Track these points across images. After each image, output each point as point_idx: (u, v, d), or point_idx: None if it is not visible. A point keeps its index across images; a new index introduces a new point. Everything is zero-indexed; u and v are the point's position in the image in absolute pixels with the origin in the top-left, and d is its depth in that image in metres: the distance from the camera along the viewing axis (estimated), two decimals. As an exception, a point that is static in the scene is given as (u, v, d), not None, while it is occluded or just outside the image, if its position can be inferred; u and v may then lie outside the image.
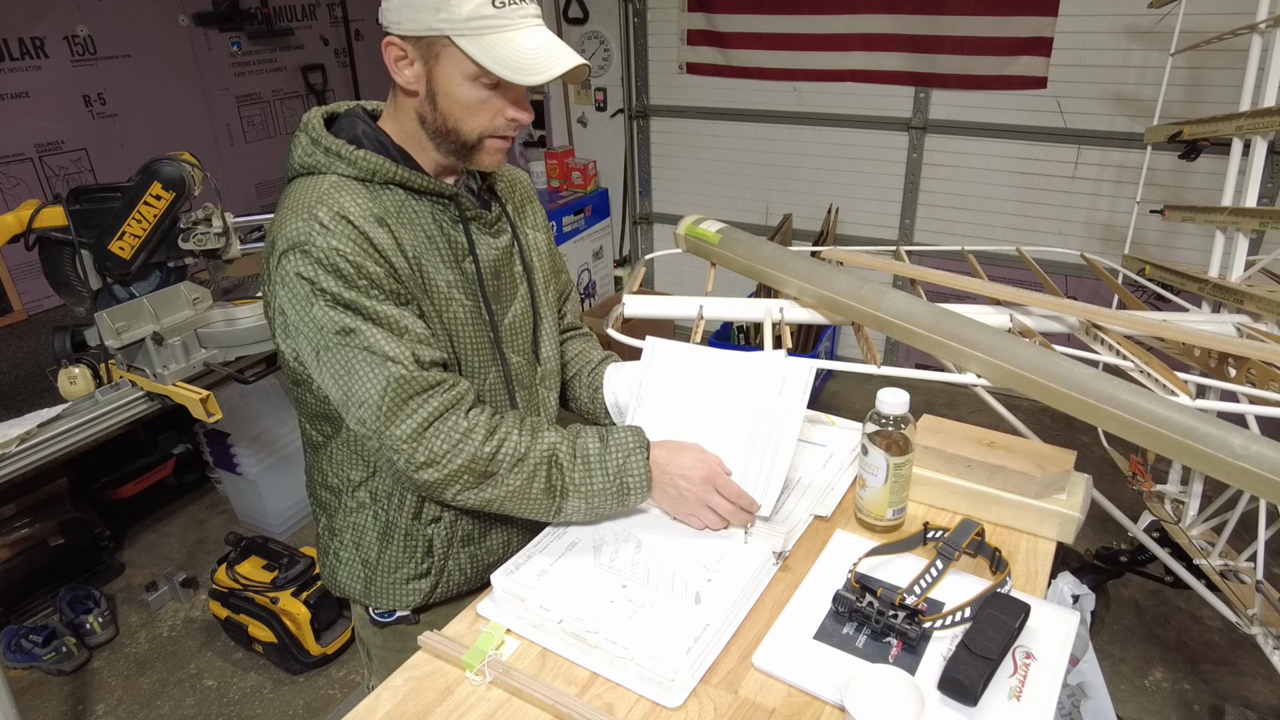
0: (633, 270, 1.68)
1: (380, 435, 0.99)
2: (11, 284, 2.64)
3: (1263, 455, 0.98)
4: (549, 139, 4.40)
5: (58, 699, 2.25)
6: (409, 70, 1.00)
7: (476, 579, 1.22)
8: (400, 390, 0.98)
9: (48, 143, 2.69)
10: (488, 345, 1.13)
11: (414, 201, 1.05)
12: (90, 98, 2.78)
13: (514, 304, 1.18)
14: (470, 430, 1.00)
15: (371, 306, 0.98)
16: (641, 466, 1.07)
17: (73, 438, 1.80)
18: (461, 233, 1.09)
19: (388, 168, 1.02)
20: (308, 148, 1.04)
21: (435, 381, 1.00)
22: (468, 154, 1.05)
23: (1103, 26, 2.96)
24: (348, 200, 0.99)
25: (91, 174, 2.83)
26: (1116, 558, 2.23)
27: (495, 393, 1.15)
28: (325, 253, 0.96)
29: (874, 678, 0.84)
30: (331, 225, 0.96)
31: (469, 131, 1.02)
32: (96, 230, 2.03)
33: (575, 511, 1.08)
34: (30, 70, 2.61)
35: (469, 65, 0.97)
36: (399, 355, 0.98)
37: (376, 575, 1.17)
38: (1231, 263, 1.80)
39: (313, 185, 1.01)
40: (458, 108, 1.00)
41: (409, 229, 1.04)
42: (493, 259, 1.13)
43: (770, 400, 1.13)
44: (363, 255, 0.97)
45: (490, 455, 1.01)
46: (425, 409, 0.99)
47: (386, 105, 1.09)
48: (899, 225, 3.63)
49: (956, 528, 1.04)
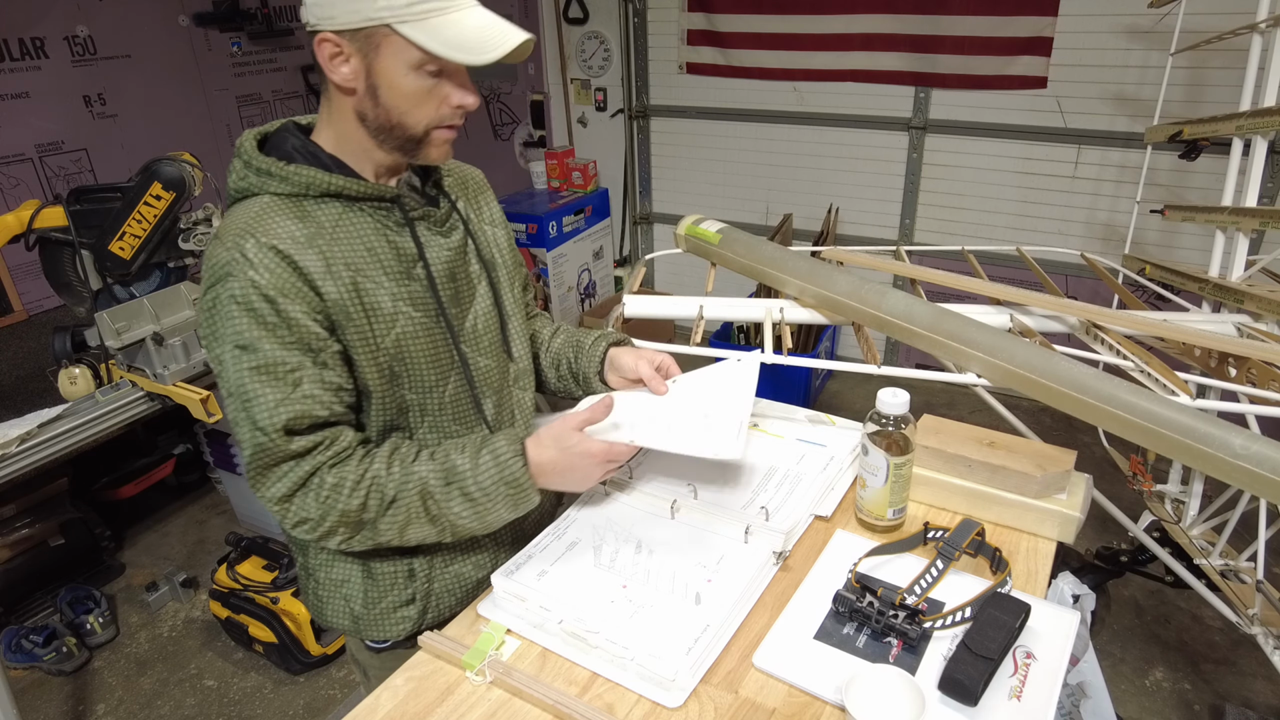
0: (633, 270, 1.68)
1: (256, 491, 0.99)
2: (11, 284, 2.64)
3: (1263, 455, 0.98)
4: (549, 139, 4.40)
5: (58, 699, 2.25)
6: (345, 67, 0.95)
7: (468, 598, 1.17)
8: (264, 459, 0.96)
9: (48, 143, 2.69)
10: (446, 354, 1.09)
11: (352, 213, 1.01)
12: (90, 98, 2.78)
13: (474, 305, 1.14)
14: (337, 486, 0.97)
15: (270, 351, 0.94)
16: (520, 471, 1.01)
17: (73, 438, 1.81)
18: (408, 237, 1.05)
19: (321, 179, 0.98)
20: (241, 171, 1.01)
21: (305, 449, 0.97)
22: (415, 149, 1.01)
23: (1103, 26, 2.96)
24: (277, 225, 0.96)
25: (91, 174, 2.83)
26: (1117, 558, 2.23)
27: (458, 403, 1.11)
28: (242, 286, 0.93)
29: (874, 678, 0.84)
30: (255, 257, 0.93)
31: (414, 124, 0.99)
32: (97, 230, 2.04)
33: (471, 528, 1.04)
34: (30, 70, 2.61)
35: (413, 53, 0.93)
36: (268, 424, 0.94)
37: (361, 609, 1.14)
38: (1232, 263, 1.80)
39: (244, 211, 0.98)
40: (402, 100, 0.96)
41: (346, 245, 0.99)
42: (445, 260, 1.09)
43: (725, 372, 1.17)
44: (281, 291, 0.94)
45: (360, 506, 0.98)
46: (292, 475, 0.97)
47: (319, 114, 1.04)
48: (899, 225, 3.63)
49: (957, 528, 1.04)
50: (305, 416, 0.96)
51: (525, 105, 4.37)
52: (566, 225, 3.95)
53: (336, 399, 0.99)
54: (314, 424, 0.98)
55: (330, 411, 0.99)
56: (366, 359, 1.01)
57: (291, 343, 0.95)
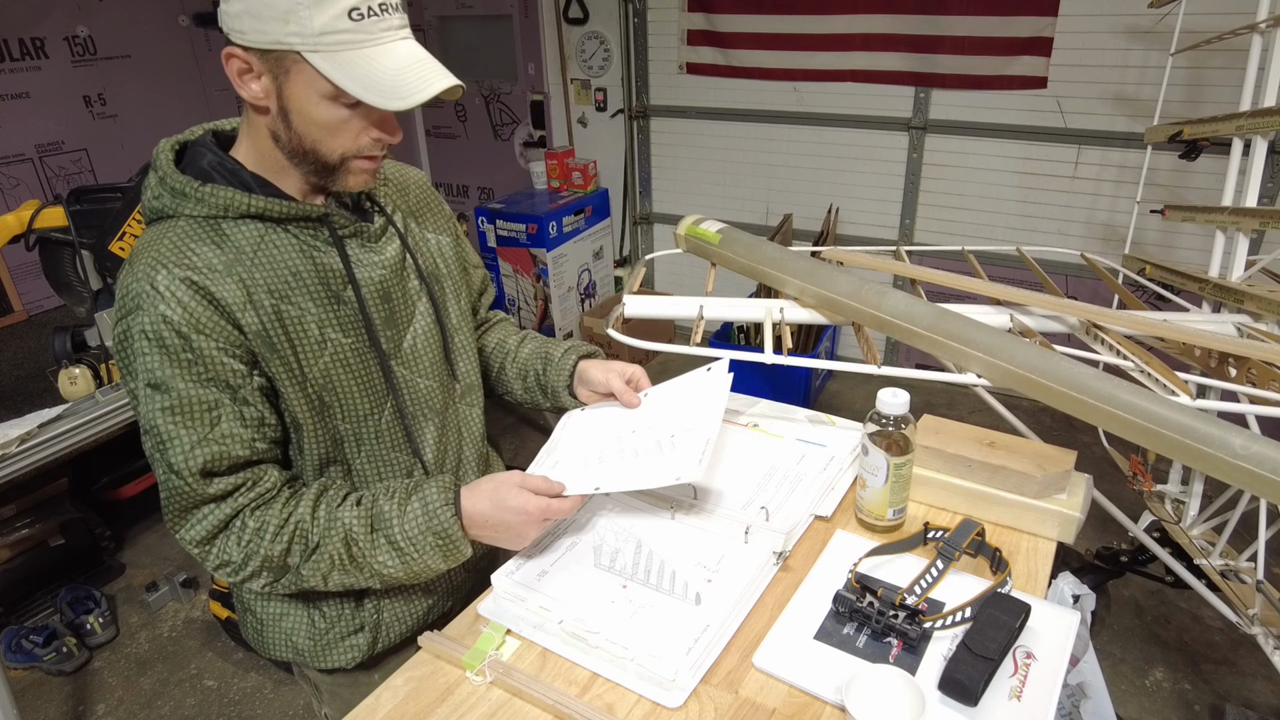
0: (633, 270, 1.68)
1: (173, 533, 0.94)
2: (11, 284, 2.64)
3: (1263, 455, 0.98)
4: (549, 139, 4.40)
5: (58, 699, 2.25)
6: (256, 84, 0.88)
7: (419, 621, 1.14)
8: (180, 502, 0.92)
9: (48, 143, 2.70)
10: (379, 380, 1.03)
11: (275, 234, 0.94)
12: (90, 98, 2.78)
13: (413, 323, 1.07)
14: (260, 530, 0.93)
15: (184, 390, 0.89)
16: (450, 521, 0.96)
17: (73, 438, 1.81)
18: (336, 257, 0.98)
19: (239, 200, 0.91)
20: (156, 190, 0.94)
21: (225, 491, 0.92)
22: (330, 176, 0.94)
23: (1103, 26, 2.96)
24: (193, 254, 0.90)
25: (91, 174, 2.83)
26: (1117, 558, 2.23)
27: (394, 431, 1.06)
28: (153, 320, 0.87)
29: (874, 678, 0.84)
30: (166, 290, 0.87)
31: (329, 153, 0.92)
32: (97, 230, 2.03)
33: (398, 578, 0.99)
34: (30, 71, 2.61)
35: (324, 84, 0.86)
36: (183, 467, 0.89)
37: (306, 642, 1.09)
38: (1232, 263, 1.80)
39: (158, 236, 0.91)
40: (314, 128, 0.90)
41: (268, 269, 0.93)
42: (378, 280, 1.02)
43: (696, 382, 1.16)
44: (194, 327, 0.88)
45: (283, 551, 0.94)
46: (212, 518, 0.92)
47: (240, 125, 0.97)
48: (899, 225, 3.63)
49: (957, 528, 1.04)
50: (224, 458, 0.91)
51: (525, 105, 4.37)
52: (566, 225, 3.95)
53: (259, 435, 0.94)
54: (234, 464, 0.93)
55: (252, 450, 0.94)
56: (294, 390, 0.96)
57: (208, 379, 0.90)
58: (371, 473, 1.06)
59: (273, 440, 0.98)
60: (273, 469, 0.97)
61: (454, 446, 1.16)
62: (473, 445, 1.19)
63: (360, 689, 1.08)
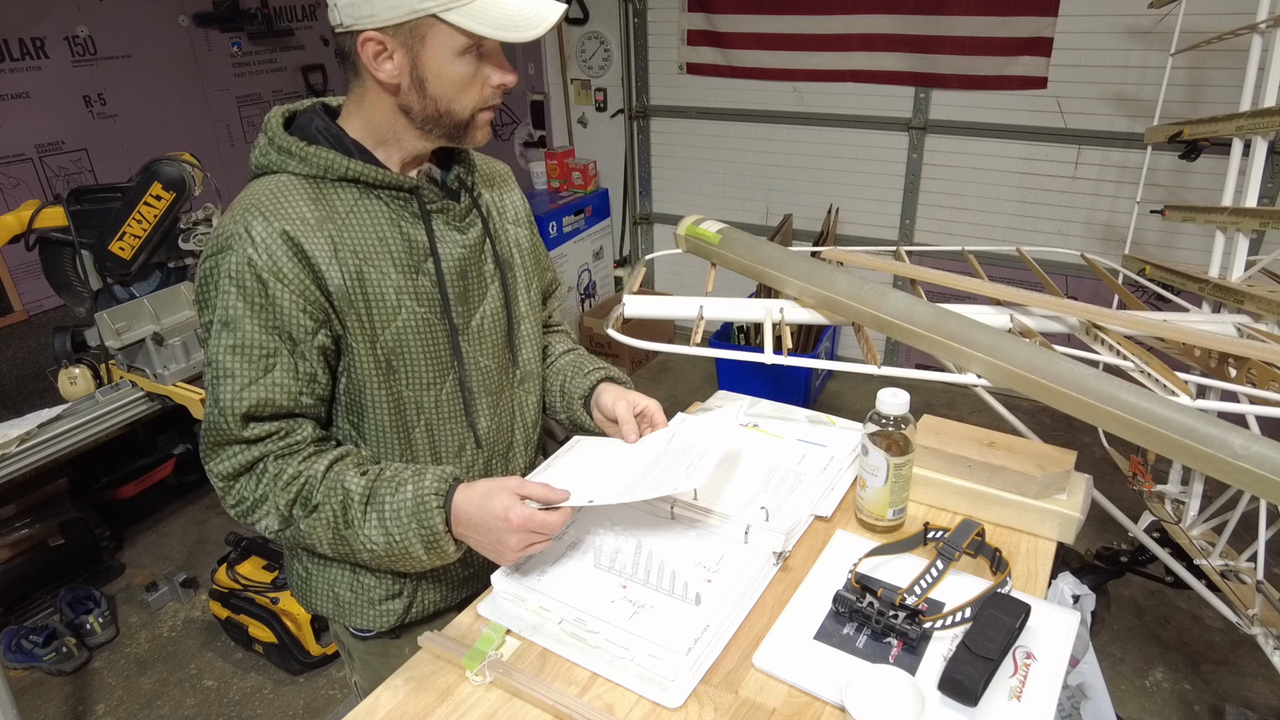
0: (633, 270, 1.68)
1: (204, 460, 1.00)
2: (11, 284, 2.64)
3: (1263, 455, 0.98)
4: (549, 139, 4.40)
5: (58, 699, 2.25)
6: (389, 64, 0.95)
7: (453, 594, 1.18)
8: (215, 435, 0.97)
9: (48, 143, 2.69)
10: (446, 353, 1.08)
11: (369, 201, 1.01)
12: (90, 98, 2.78)
13: (484, 304, 1.12)
14: (276, 476, 0.98)
15: (249, 331, 0.94)
16: (435, 512, 0.96)
17: (73, 438, 1.81)
18: (422, 230, 1.04)
19: (339, 163, 0.98)
20: (264, 148, 1.01)
21: (259, 435, 0.97)
22: (462, 134, 1.02)
23: (1103, 26, 2.96)
24: (289, 206, 0.96)
25: (91, 174, 2.83)
26: (1117, 558, 2.23)
27: (453, 403, 1.10)
28: (238, 261, 0.93)
29: (874, 678, 0.84)
30: (258, 236, 0.93)
31: (462, 110, 0.99)
32: (97, 230, 2.04)
33: (381, 556, 0.99)
34: (30, 70, 2.61)
35: (458, 39, 0.93)
36: (229, 405, 0.95)
37: (348, 595, 1.13)
38: (1232, 263, 1.80)
39: (260, 187, 0.98)
40: (449, 87, 0.97)
41: (358, 231, 0.99)
42: (458, 257, 1.07)
43: (703, 426, 1.14)
44: (275, 274, 0.94)
45: (289, 502, 0.98)
46: (241, 457, 0.97)
47: (347, 101, 1.04)
48: (899, 225, 3.63)
49: (957, 528, 1.04)
50: (268, 404, 0.96)
51: (525, 105, 4.37)
52: (566, 225, 3.96)
53: (306, 390, 0.99)
54: (276, 412, 0.98)
55: (296, 403, 0.99)
56: (364, 348, 1.01)
57: (273, 328, 0.95)
58: (426, 444, 1.10)
59: (319, 398, 1.02)
60: (308, 424, 1.01)
61: (506, 428, 1.20)
62: (524, 430, 1.23)
63: (390, 659, 1.15)
